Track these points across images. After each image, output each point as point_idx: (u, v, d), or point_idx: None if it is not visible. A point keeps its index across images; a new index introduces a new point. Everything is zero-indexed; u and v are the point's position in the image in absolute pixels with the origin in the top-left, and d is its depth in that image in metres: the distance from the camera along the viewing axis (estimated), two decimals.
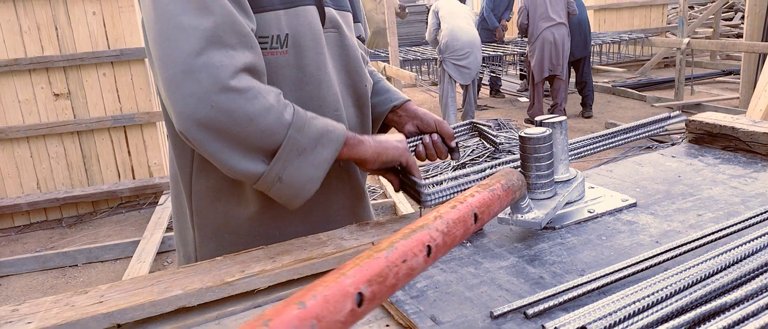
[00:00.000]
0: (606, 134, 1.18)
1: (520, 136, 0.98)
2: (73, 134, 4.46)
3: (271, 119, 0.90)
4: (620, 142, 1.18)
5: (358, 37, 1.20)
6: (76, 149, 4.50)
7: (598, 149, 1.16)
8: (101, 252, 3.80)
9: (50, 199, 4.33)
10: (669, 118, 1.24)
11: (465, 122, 1.29)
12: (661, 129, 1.22)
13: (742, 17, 10.29)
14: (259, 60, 0.95)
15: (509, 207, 0.93)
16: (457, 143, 1.22)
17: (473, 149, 5.25)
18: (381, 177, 4.65)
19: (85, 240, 4.09)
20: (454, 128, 1.25)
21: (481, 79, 8.15)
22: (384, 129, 1.27)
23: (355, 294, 0.56)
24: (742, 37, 8.06)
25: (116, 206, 4.66)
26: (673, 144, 5.09)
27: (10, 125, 4.29)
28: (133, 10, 4.38)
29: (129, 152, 4.60)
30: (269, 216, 1.07)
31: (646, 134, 1.22)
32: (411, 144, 1.19)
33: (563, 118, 1.04)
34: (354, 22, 1.20)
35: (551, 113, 6.57)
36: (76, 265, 3.76)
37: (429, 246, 0.65)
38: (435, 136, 1.19)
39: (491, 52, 7.19)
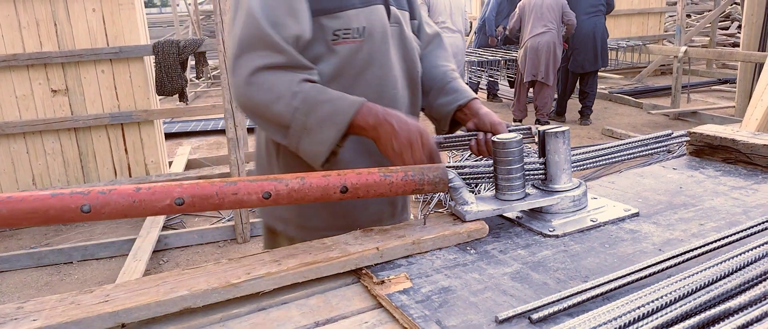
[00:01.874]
0: (608, 147, 1.19)
1: (492, 140, 1.05)
2: (70, 130, 4.44)
3: (280, 105, 1.14)
4: (622, 158, 1.19)
5: (412, 32, 1.44)
6: (72, 146, 4.48)
7: (602, 163, 1.17)
8: (96, 250, 3.79)
9: None
10: (670, 135, 1.26)
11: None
12: (663, 147, 1.24)
13: (739, 27, 10.35)
14: (283, 58, 1.16)
15: (450, 196, 1.05)
16: None
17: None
18: None
19: (80, 238, 4.08)
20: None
21: (478, 83, 8.18)
22: (454, 126, 1.41)
23: (176, 198, 0.84)
24: (738, 46, 8.11)
25: None
26: (669, 151, 5.11)
27: (6, 121, 4.27)
28: (132, 8, 4.37)
29: (126, 149, 4.59)
30: None
31: (649, 151, 1.23)
32: (467, 139, 1.30)
33: (566, 128, 1.05)
34: (410, 20, 1.44)
35: (536, 117, 6.63)
36: (71, 262, 3.74)
37: (269, 192, 0.87)
38: (489, 135, 1.27)
39: (489, 57, 7.21)
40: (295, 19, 1.19)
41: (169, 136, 6.76)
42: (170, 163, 5.29)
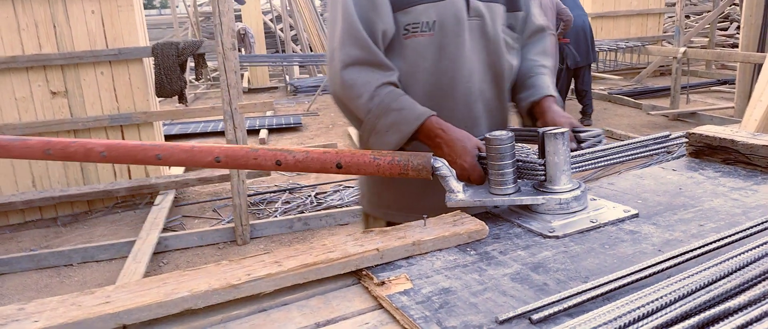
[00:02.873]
0: (607, 149, 1.18)
1: (485, 137, 1.09)
2: (70, 132, 4.44)
3: (359, 103, 1.30)
4: (621, 159, 1.18)
5: (509, 26, 1.46)
6: None
7: (600, 164, 1.16)
8: (96, 252, 3.79)
9: (45, 197, 4.31)
10: (668, 136, 1.25)
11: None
12: (662, 148, 1.24)
13: (738, 27, 10.36)
14: (369, 55, 1.29)
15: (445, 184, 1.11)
16: (578, 143, 1.25)
17: None
18: None
19: (80, 240, 4.08)
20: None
21: None
22: (535, 122, 1.43)
23: (215, 156, 1.10)
24: (737, 47, 8.12)
25: (112, 205, 4.65)
26: (668, 152, 5.11)
27: (6, 123, 4.27)
28: (131, 10, 4.38)
29: None
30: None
31: (648, 152, 1.22)
32: (535, 134, 1.29)
33: (565, 130, 1.05)
34: (509, 12, 1.45)
35: None
36: (71, 264, 3.74)
37: (279, 161, 1.08)
38: None
39: None
40: (379, 15, 1.31)
41: (168, 138, 6.76)
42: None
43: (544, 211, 1.07)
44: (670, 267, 0.82)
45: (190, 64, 4.71)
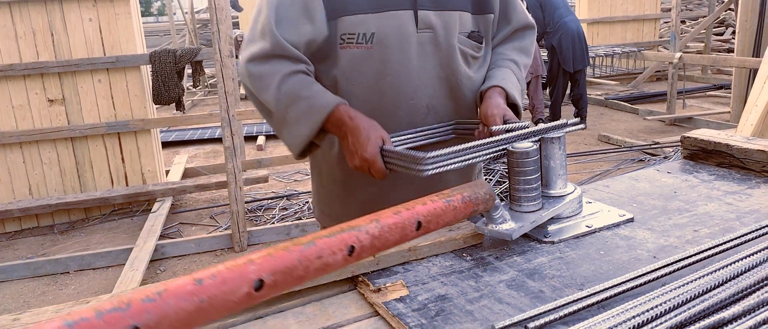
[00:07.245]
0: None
1: (507, 150, 1.00)
2: (67, 140, 4.44)
3: (268, 94, 1.23)
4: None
5: (471, 34, 1.32)
6: (69, 156, 4.48)
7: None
8: (93, 259, 3.77)
9: (42, 205, 4.30)
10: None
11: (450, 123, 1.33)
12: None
13: (733, 33, 10.41)
14: (279, 49, 1.21)
15: (484, 217, 0.96)
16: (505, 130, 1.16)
17: None
18: None
19: (76, 247, 4.06)
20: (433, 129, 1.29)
21: None
22: None
23: (255, 280, 0.60)
24: (732, 52, 8.16)
25: (109, 213, 4.64)
26: (665, 157, 5.12)
27: (3, 131, 4.26)
28: (129, 17, 4.38)
29: (122, 158, 4.58)
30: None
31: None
32: (474, 126, 1.25)
33: (561, 133, 1.05)
34: (476, 14, 1.31)
35: (531, 115, 6.62)
36: (68, 272, 3.73)
37: (352, 247, 0.69)
38: (484, 127, 1.20)
39: None
40: (308, 18, 1.23)
41: (165, 145, 6.75)
42: (167, 172, 5.29)
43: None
44: (665, 274, 0.82)
45: (188, 71, 4.71)
